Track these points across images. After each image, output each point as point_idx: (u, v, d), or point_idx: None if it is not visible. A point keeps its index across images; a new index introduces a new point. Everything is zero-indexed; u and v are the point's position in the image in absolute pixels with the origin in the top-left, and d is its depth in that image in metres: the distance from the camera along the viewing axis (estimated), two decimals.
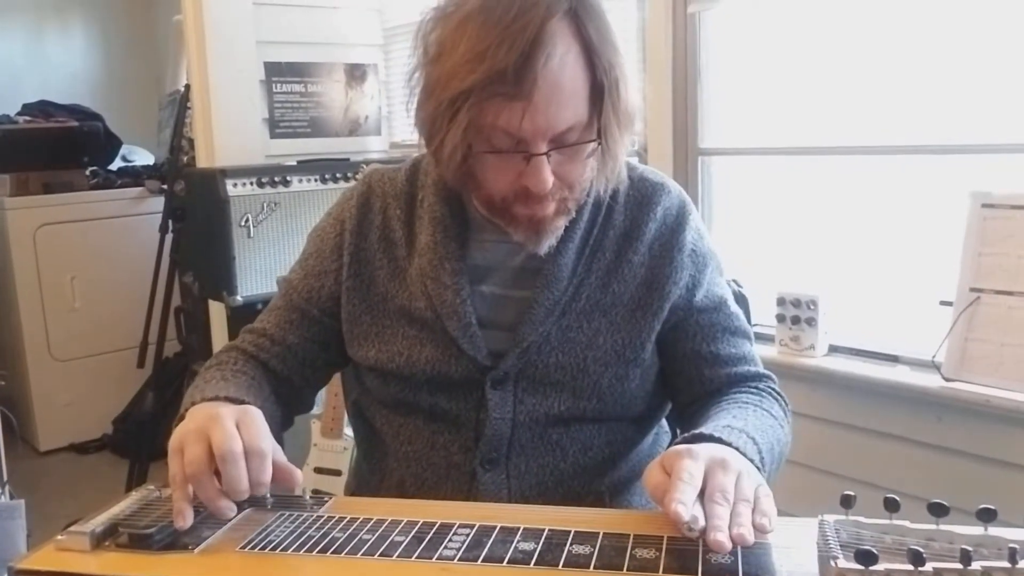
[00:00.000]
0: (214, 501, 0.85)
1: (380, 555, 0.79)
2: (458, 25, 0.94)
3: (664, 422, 1.22)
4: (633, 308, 1.07)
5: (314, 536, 0.83)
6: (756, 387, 1.09)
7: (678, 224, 1.10)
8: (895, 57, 1.89)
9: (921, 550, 0.63)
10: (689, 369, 1.10)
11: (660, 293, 1.07)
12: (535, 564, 0.75)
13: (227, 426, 0.86)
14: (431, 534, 0.82)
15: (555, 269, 1.05)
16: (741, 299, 1.28)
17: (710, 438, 0.88)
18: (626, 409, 1.09)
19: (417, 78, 0.99)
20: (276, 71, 2.85)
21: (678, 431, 1.21)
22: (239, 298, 2.45)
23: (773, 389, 1.10)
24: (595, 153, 0.98)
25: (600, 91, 0.95)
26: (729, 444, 0.87)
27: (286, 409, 1.15)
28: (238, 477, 0.84)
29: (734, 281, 1.30)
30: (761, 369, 1.12)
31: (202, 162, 2.80)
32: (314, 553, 0.80)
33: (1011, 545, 0.63)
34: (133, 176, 3.97)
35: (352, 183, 1.21)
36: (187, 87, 3.00)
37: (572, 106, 0.94)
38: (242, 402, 0.96)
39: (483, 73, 0.90)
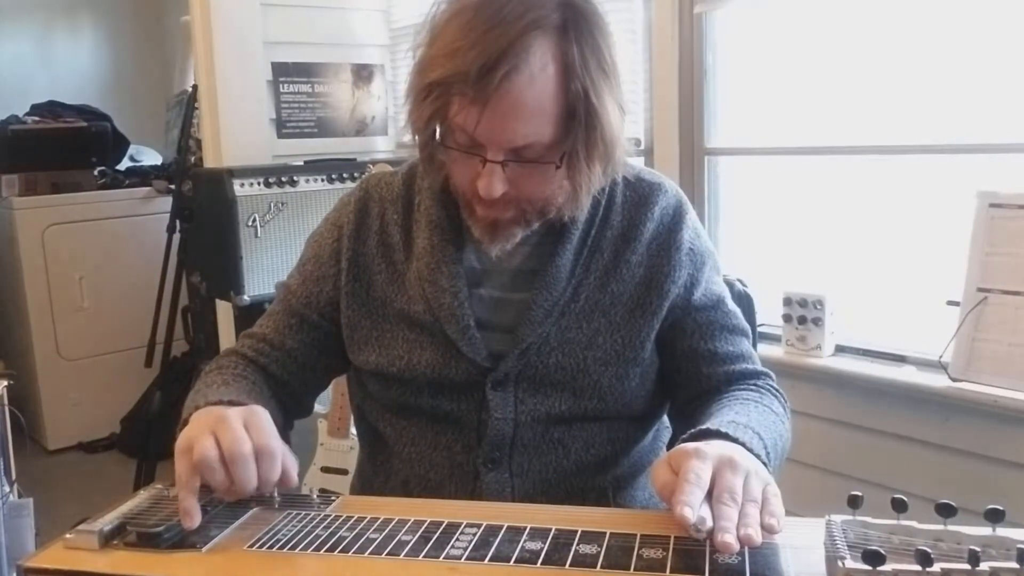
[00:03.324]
0: (223, 487, 0.86)
1: (387, 554, 0.79)
2: (452, 16, 0.95)
3: (666, 417, 1.22)
4: (632, 308, 1.07)
5: (321, 535, 0.83)
6: (755, 384, 1.08)
7: (675, 223, 1.10)
8: (901, 57, 1.88)
9: (929, 551, 0.63)
10: (687, 367, 1.10)
11: (659, 292, 1.07)
12: (542, 563, 0.75)
13: (236, 427, 0.87)
14: (438, 533, 0.82)
15: (553, 270, 1.05)
16: (745, 298, 1.28)
17: (717, 434, 0.88)
18: (627, 408, 1.09)
19: (416, 55, 1.00)
20: (283, 71, 2.85)
21: (679, 430, 1.21)
22: (246, 298, 2.45)
23: (772, 386, 1.10)
24: (561, 175, 0.97)
25: (573, 115, 0.94)
26: (736, 440, 0.87)
27: (286, 414, 1.15)
28: (248, 478, 0.85)
29: (739, 280, 1.30)
30: (759, 367, 1.12)
31: (209, 162, 2.80)
32: (321, 552, 0.80)
33: (1019, 546, 0.63)
34: (141, 176, 3.99)
35: (356, 184, 1.22)
36: (195, 87, 3.01)
37: (534, 123, 0.93)
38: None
39: (450, 70, 0.92)
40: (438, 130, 0.98)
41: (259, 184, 2.48)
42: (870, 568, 0.63)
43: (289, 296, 1.16)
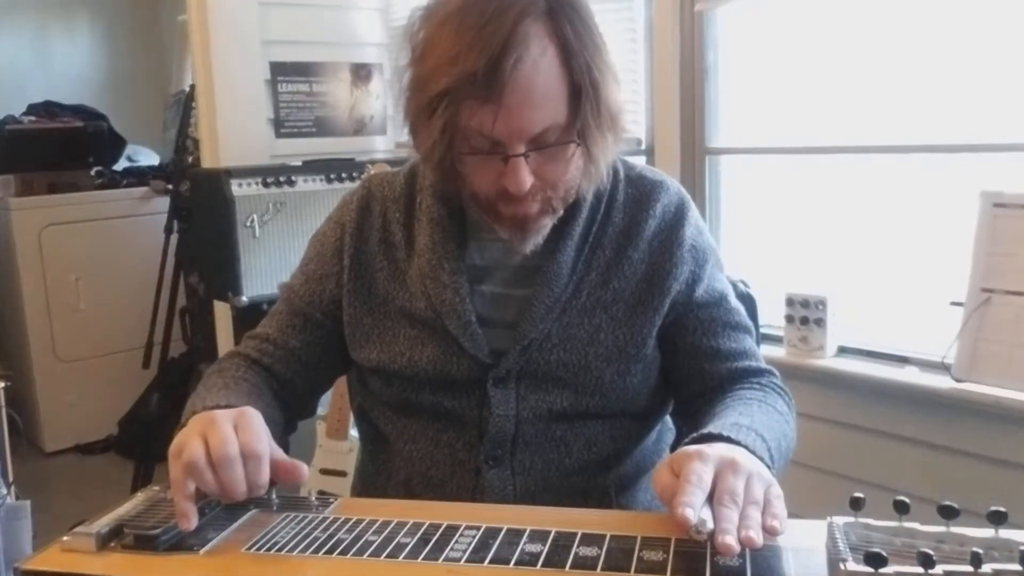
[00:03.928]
0: (213, 490, 0.86)
1: (386, 556, 0.78)
2: (437, 26, 0.95)
3: (668, 419, 1.22)
4: (634, 304, 1.07)
5: (320, 537, 0.83)
6: (759, 382, 1.08)
7: (677, 220, 1.10)
8: (904, 55, 1.88)
9: (931, 552, 0.63)
10: (690, 364, 1.10)
11: (661, 289, 1.07)
12: (542, 566, 0.75)
13: (224, 430, 0.86)
14: (437, 535, 0.81)
15: (555, 267, 1.06)
16: (748, 299, 1.27)
17: (719, 437, 0.87)
18: (629, 405, 1.09)
19: (405, 77, 1.00)
20: (281, 71, 2.85)
21: (683, 429, 1.20)
22: (244, 298, 2.44)
23: (776, 384, 1.10)
24: (578, 153, 0.98)
25: (579, 92, 0.95)
26: (739, 443, 0.86)
27: (289, 414, 1.15)
28: (234, 480, 0.85)
29: (742, 282, 1.30)
30: (763, 364, 1.12)
31: (207, 162, 2.80)
32: (320, 554, 0.80)
33: (1022, 547, 0.63)
34: (138, 176, 3.98)
35: (356, 184, 1.22)
36: (192, 87, 3.00)
37: (547, 108, 0.94)
38: None
39: (455, 76, 0.91)
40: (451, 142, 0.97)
41: (257, 184, 2.47)
42: (872, 570, 0.63)
43: (292, 296, 1.17)
